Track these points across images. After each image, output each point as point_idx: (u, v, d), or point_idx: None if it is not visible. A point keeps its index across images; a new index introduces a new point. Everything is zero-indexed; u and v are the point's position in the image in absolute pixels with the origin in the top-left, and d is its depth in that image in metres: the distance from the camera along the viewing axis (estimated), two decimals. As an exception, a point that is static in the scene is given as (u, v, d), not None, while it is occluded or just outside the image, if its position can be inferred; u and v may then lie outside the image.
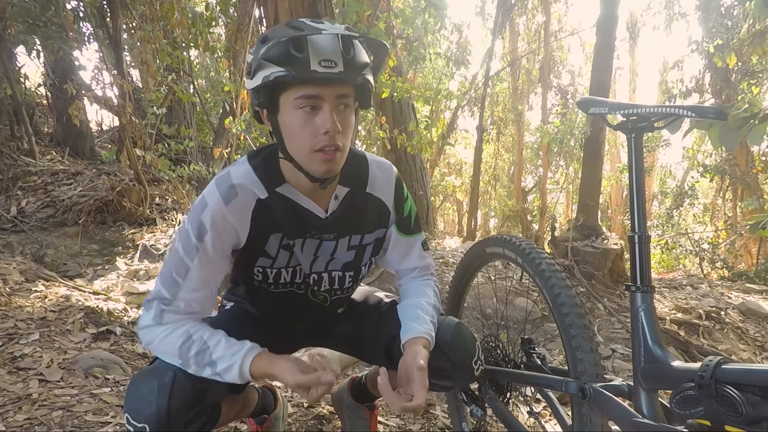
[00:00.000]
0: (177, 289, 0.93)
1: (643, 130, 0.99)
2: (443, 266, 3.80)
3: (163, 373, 0.90)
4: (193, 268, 0.93)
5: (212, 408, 1.01)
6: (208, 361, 0.90)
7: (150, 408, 0.86)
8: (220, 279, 0.98)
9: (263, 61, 0.83)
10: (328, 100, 0.85)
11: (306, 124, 0.86)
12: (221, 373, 0.90)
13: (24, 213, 3.92)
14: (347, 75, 0.83)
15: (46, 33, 3.82)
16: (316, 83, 0.83)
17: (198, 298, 0.95)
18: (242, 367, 0.89)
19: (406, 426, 1.68)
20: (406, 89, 4.43)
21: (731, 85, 6.88)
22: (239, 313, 1.16)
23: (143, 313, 0.95)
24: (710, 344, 2.94)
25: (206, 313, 1.01)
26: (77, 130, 5.36)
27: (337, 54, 0.82)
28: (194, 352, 0.90)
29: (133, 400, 0.88)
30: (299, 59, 0.81)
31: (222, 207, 0.92)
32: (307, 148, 0.87)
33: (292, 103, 0.85)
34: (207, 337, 0.92)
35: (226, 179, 0.95)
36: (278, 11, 2.98)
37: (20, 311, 2.21)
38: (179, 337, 0.91)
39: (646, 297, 0.93)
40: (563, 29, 10.86)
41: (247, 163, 0.98)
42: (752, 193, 7.40)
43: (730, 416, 0.68)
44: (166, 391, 0.88)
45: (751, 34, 4.93)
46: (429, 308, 1.09)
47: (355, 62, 0.85)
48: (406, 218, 1.13)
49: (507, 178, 12.99)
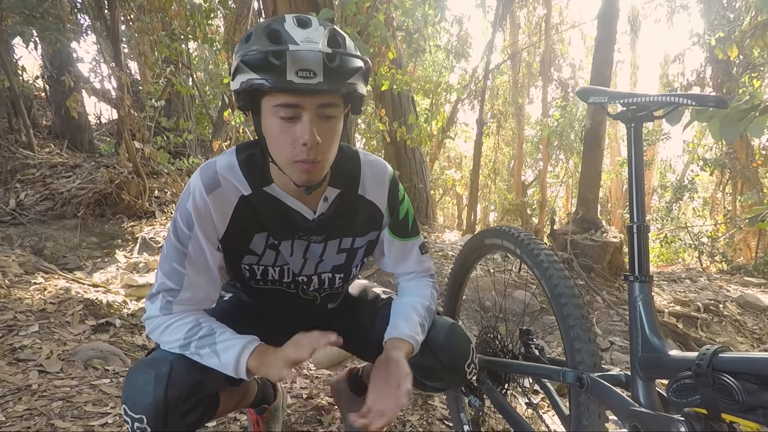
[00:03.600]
0: (181, 278, 0.93)
1: (643, 120, 0.98)
2: (443, 259, 3.81)
3: (159, 364, 0.90)
4: (190, 255, 0.93)
5: (210, 398, 1.01)
6: (210, 343, 0.90)
7: (147, 398, 0.86)
8: (217, 264, 0.98)
9: (241, 65, 0.80)
10: (309, 110, 0.81)
11: (285, 133, 0.83)
12: (220, 352, 0.89)
13: (23, 206, 3.91)
14: (328, 86, 0.78)
15: (43, 24, 3.80)
16: (295, 93, 0.79)
17: (202, 284, 0.95)
18: (240, 355, 0.89)
19: (404, 417, 1.69)
20: (405, 82, 4.40)
21: (732, 78, 6.85)
22: (237, 304, 1.16)
23: (148, 305, 0.95)
24: (708, 337, 2.96)
25: (212, 300, 1.00)
26: (75, 123, 5.34)
27: (318, 63, 0.77)
28: (200, 335, 0.91)
29: (131, 391, 0.88)
30: (276, 67, 0.77)
31: (204, 196, 0.91)
32: (286, 158, 0.85)
33: (272, 109, 0.82)
34: (215, 326, 0.93)
35: (210, 169, 0.94)
36: (277, 3, 2.96)
37: (20, 303, 2.21)
38: (188, 323, 0.92)
39: (644, 287, 0.93)
40: (564, 22, 10.80)
41: (234, 156, 0.95)
42: (752, 187, 7.39)
43: (726, 404, 0.68)
44: (162, 381, 0.87)
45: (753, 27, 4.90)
46: (422, 310, 1.07)
47: (340, 71, 0.80)
48: (402, 221, 1.09)
49: (507, 172, 12.97)
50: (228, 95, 5.27)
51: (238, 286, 1.15)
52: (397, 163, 5.57)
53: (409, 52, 6.90)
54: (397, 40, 6.02)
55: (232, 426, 1.55)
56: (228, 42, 5.61)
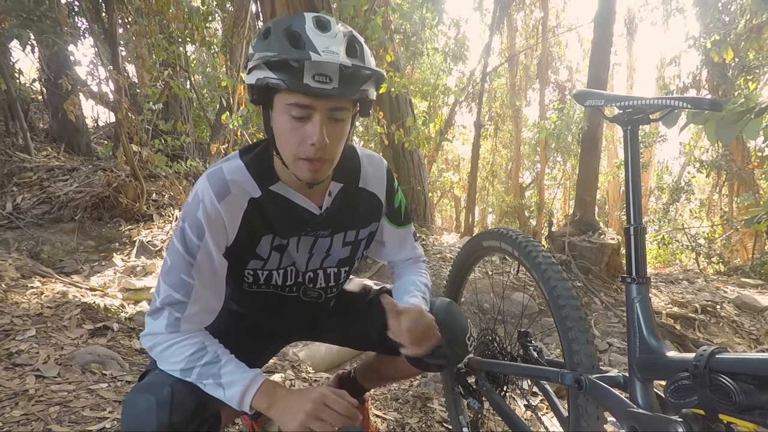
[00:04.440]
0: (189, 289, 0.90)
1: (639, 122, 0.99)
2: (441, 261, 3.81)
3: (159, 389, 0.87)
4: (199, 265, 0.90)
5: (213, 417, 0.98)
6: (214, 373, 0.88)
7: (150, 425, 0.83)
8: (225, 273, 0.96)
9: (260, 63, 0.81)
10: (320, 112, 0.83)
11: (294, 131, 0.84)
12: (224, 385, 0.87)
13: (19, 209, 3.90)
14: (341, 91, 0.81)
15: (40, 27, 3.79)
16: (309, 94, 0.81)
17: (209, 296, 0.93)
18: (245, 394, 0.86)
19: (404, 419, 1.69)
20: (403, 84, 4.42)
21: (728, 80, 6.88)
22: (225, 315, 1.13)
23: (151, 320, 0.91)
24: (706, 338, 2.97)
25: (216, 313, 0.98)
26: (73, 126, 5.33)
27: (335, 71, 0.79)
28: (204, 362, 0.88)
29: (132, 418, 0.85)
30: (294, 69, 0.79)
31: (215, 203, 0.90)
32: (293, 154, 0.86)
33: (284, 107, 0.84)
34: (220, 353, 0.91)
35: (218, 175, 0.93)
36: (275, 6, 2.97)
37: (16, 307, 2.20)
38: (193, 345, 0.89)
39: (642, 288, 0.93)
40: (561, 25, 10.86)
41: (239, 159, 0.95)
42: (748, 189, 7.42)
43: (723, 405, 0.69)
44: (165, 406, 0.85)
45: (748, 30, 4.94)
46: (422, 286, 1.12)
47: (355, 78, 0.82)
48: (396, 209, 1.14)
49: (504, 174, 12.99)
50: (226, 98, 5.27)
51: (227, 295, 1.14)
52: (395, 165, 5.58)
53: (407, 55, 6.91)
54: (394, 42, 6.04)
55: (229, 431, 1.54)
56: (226, 45, 5.62)
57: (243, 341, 1.03)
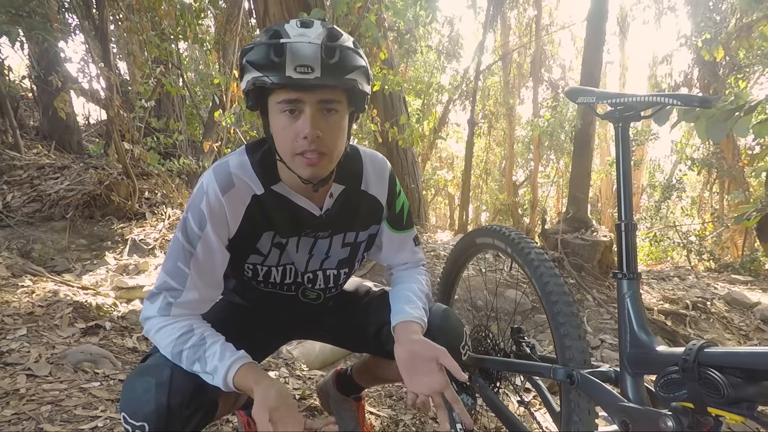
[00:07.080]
0: (184, 278, 0.92)
1: (630, 119, 1.00)
2: (435, 259, 3.82)
3: (159, 371, 0.89)
4: (197, 255, 0.93)
5: (210, 402, 0.99)
6: (200, 356, 0.88)
7: (148, 406, 0.85)
8: (224, 266, 0.98)
9: (247, 64, 0.85)
10: (309, 104, 0.85)
11: (288, 128, 0.87)
12: (210, 372, 0.88)
13: (10, 207, 3.85)
14: (325, 80, 0.83)
15: (30, 24, 3.75)
16: (295, 88, 0.83)
17: (204, 286, 0.95)
18: (227, 373, 0.87)
19: (398, 416, 1.69)
20: (397, 82, 4.41)
21: (719, 79, 6.95)
22: (226, 307, 1.15)
23: (146, 304, 0.94)
24: (696, 333, 3.00)
25: (214, 301, 1.00)
26: (63, 124, 5.27)
27: (316, 60, 0.82)
28: (190, 344, 0.89)
29: (130, 399, 0.87)
30: (277, 64, 0.82)
31: (219, 195, 0.92)
32: (290, 151, 0.88)
33: (276, 106, 0.86)
34: (207, 335, 0.91)
35: (224, 169, 0.95)
36: (268, 2, 2.95)
37: (7, 306, 2.18)
38: (180, 328, 0.91)
39: (632, 284, 0.94)
40: (554, 23, 10.89)
41: (245, 155, 0.97)
42: (738, 186, 7.50)
43: (712, 398, 0.70)
44: (164, 388, 0.86)
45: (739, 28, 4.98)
46: (421, 294, 1.10)
47: (338, 66, 0.84)
48: (398, 214, 1.13)
49: (498, 172, 13.03)
50: (219, 96, 5.23)
51: (230, 288, 1.15)
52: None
53: (401, 53, 6.91)
54: (388, 40, 6.03)
55: (224, 428, 1.54)
56: (218, 42, 5.58)
57: (243, 332, 1.03)
